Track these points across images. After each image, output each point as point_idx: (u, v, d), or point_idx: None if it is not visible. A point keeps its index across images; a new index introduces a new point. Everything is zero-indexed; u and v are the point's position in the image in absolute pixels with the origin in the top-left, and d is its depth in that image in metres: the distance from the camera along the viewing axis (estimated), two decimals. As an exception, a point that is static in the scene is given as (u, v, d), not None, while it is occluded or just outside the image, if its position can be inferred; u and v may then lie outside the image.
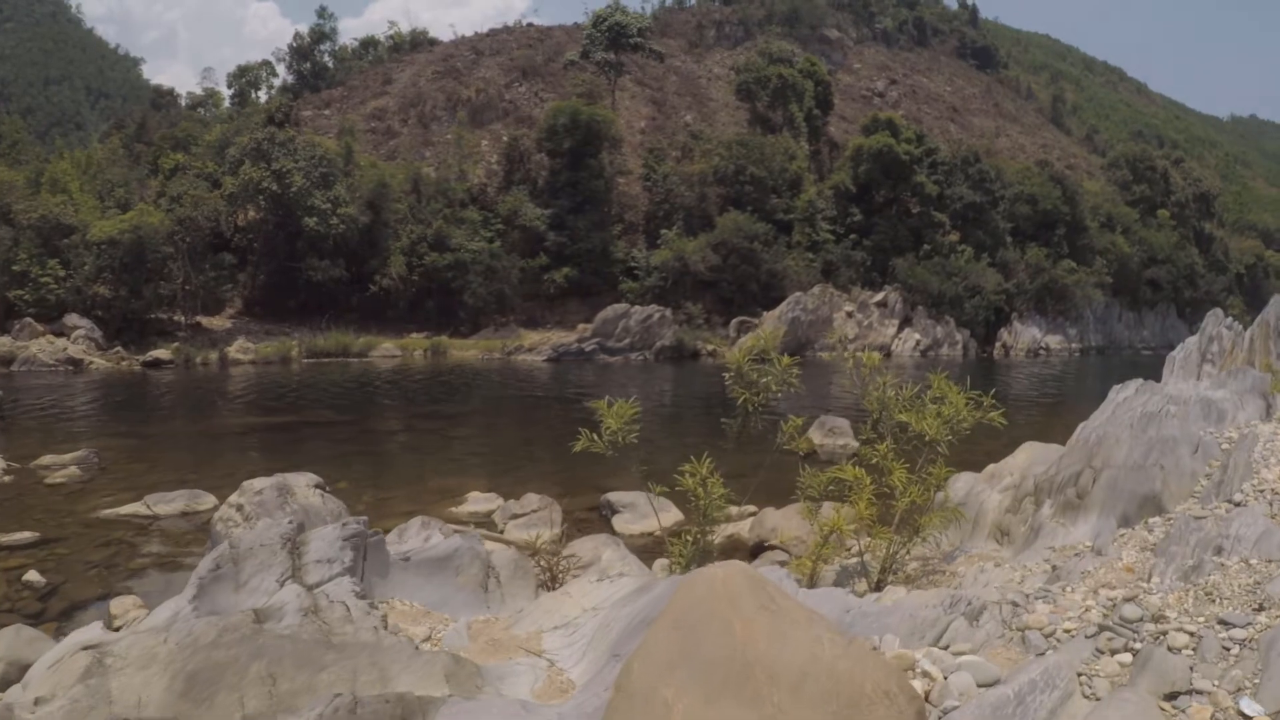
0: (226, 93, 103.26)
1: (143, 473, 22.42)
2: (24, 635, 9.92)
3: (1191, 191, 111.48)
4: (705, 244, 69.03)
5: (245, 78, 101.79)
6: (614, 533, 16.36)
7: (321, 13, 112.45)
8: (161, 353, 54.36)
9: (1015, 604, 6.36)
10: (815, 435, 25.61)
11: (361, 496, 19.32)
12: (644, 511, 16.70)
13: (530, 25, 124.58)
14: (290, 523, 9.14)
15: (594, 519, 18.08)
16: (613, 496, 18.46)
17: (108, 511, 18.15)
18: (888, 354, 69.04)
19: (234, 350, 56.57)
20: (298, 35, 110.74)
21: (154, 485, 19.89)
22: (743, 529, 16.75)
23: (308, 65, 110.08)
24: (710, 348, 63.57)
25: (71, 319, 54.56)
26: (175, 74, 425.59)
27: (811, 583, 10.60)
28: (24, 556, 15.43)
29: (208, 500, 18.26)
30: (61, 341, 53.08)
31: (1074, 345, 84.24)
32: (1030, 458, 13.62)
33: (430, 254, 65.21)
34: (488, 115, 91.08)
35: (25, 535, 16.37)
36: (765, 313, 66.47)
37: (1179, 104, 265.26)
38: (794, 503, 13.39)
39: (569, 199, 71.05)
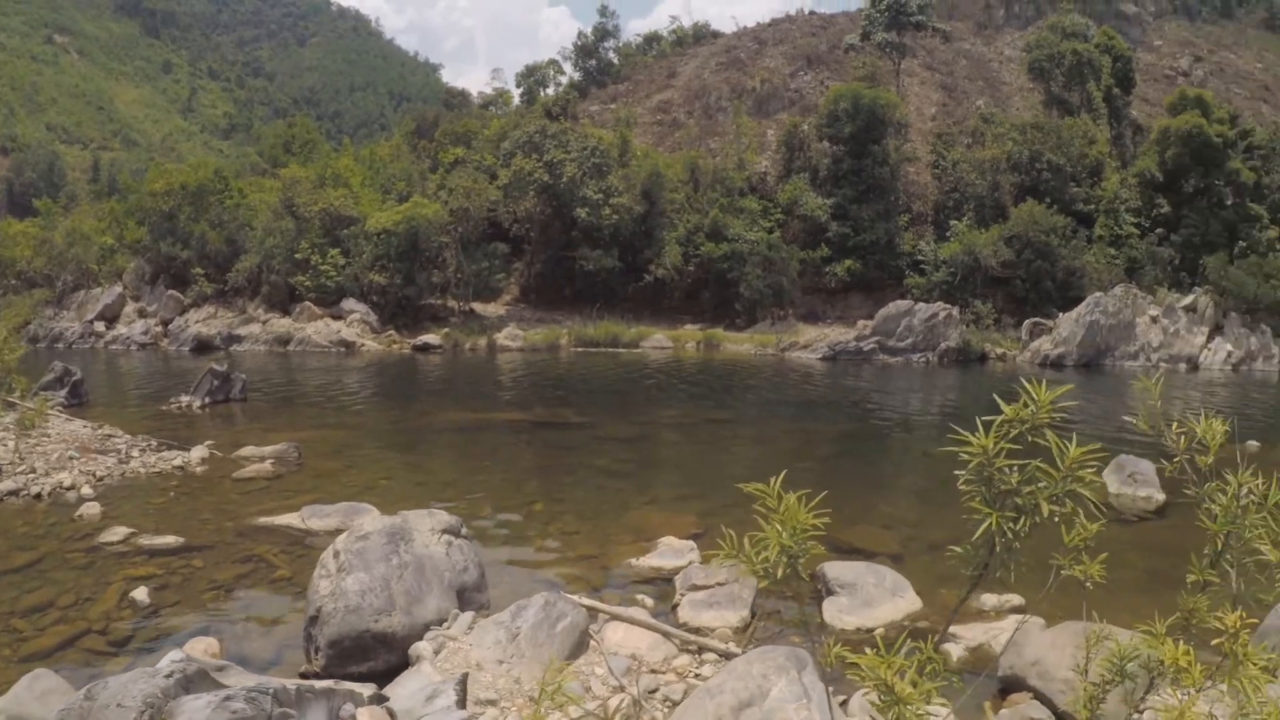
0: (516, 92, 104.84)
1: (335, 473, 20.71)
2: (40, 686, 8.55)
3: None
4: (997, 237, 64.26)
5: (533, 77, 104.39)
6: (822, 624, 12.04)
7: (603, 11, 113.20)
8: (431, 337, 56.00)
9: None
10: (1111, 481, 20.70)
11: (546, 527, 16.68)
12: (870, 595, 12.63)
13: (813, 14, 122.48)
14: (170, 677, 6.40)
15: (806, 595, 13.08)
16: (831, 570, 13.30)
17: (265, 520, 16.44)
18: (1195, 366, 63.43)
19: (502, 337, 56.96)
20: (581, 34, 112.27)
21: (337, 491, 18.38)
22: (998, 635, 11.67)
23: (593, 62, 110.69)
24: (999, 351, 59.00)
25: (348, 303, 58.45)
26: (475, 78, 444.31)
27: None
28: (155, 565, 13.96)
29: (368, 518, 15.92)
30: (337, 324, 56.97)
31: None
32: None
33: (706, 244, 63.55)
34: (773, 105, 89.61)
35: (169, 540, 14.99)
36: (1061, 314, 61.52)
37: None
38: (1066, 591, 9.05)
39: (852, 188, 67.82)
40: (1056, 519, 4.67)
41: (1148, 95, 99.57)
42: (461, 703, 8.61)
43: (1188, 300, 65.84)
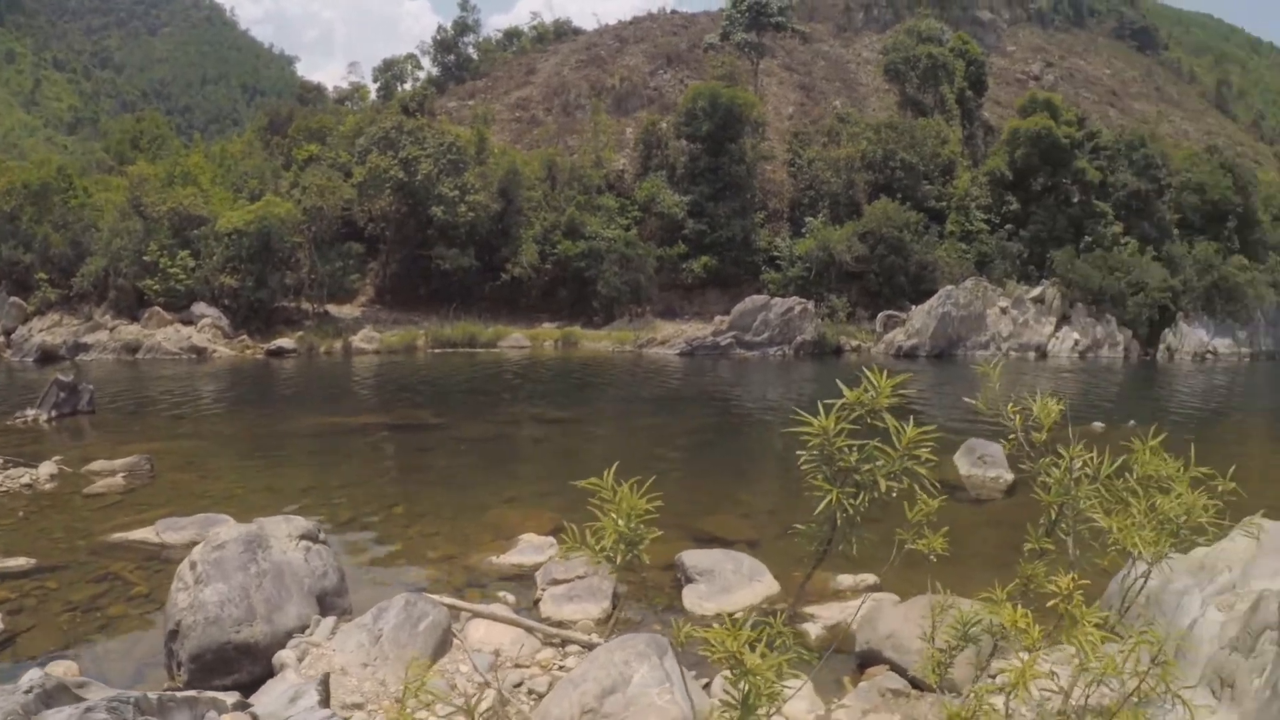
0: (373, 87, 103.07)
1: (190, 484, 20.14)
2: None
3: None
4: (852, 233, 65.81)
5: (391, 71, 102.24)
6: (683, 610, 12.38)
7: (464, 5, 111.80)
8: (285, 341, 53.83)
9: None
10: (962, 464, 21.44)
11: (406, 530, 16.69)
12: (728, 581, 12.98)
13: (674, 12, 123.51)
14: (30, 692, 6.26)
15: (667, 584, 13.67)
16: (689, 558, 13.69)
17: (119, 535, 15.81)
18: (1044, 354, 65.54)
19: (358, 339, 55.39)
20: (441, 28, 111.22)
21: (192, 503, 17.77)
22: (855, 613, 11.89)
23: (451, 57, 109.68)
24: (855, 343, 60.55)
25: (199, 308, 55.33)
26: (332, 71, 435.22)
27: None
28: (7, 589, 13.36)
29: (225, 527, 15.62)
30: (187, 330, 53.79)
31: (1243, 350, 77.70)
32: (1256, 548, 8.88)
33: (563, 242, 63.67)
34: (632, 103, 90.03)
35: (20, 562, 14.31)
36: (914, 307, 63.16)
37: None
38: (917, 567, 8.97)
39: (709, 185, 68.64)
40: (894, 495, 4.86)
41: (1000, 98, 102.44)
42: (325, 702, 8.60)
43: (1036, 292, 68.09)
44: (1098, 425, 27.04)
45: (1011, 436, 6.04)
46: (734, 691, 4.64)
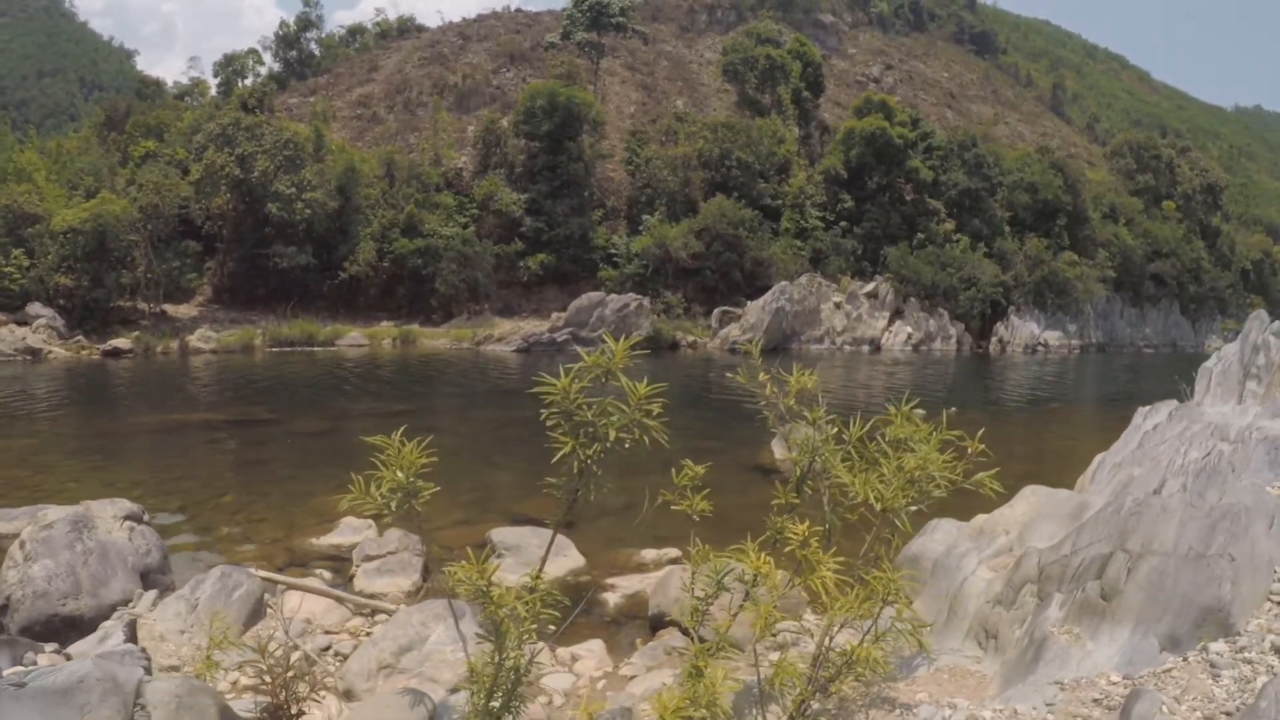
0: (213, 82, 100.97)
1: (23, 479, 20.21)
2: None
3: (1199, 182, 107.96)
4: (688, 230, 67.03)
5: (231, 66, 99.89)
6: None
7: (307, 0, 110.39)
8: (121, 342, 52.21)
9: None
10: (778, 449, 22.44)
11: (234, 516, 17.26)
12: (533, 555, 13.46)
13: (519, 11, 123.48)
14: None
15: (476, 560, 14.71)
16: (497, 535, 15.00)
17: None
18: (877, 348, 67.43)
19: (195, 339, 54.27)
20: (283, 23, 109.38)
21: (25, 496, 17.80)
22: (654, 583, 12.95)
23: (294, 53, 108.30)
24: (691, 338, 61.85)
25: (34, 308, 53.18)
26: (172, 66, 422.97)
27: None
28: None
29: (52, 509, 15.87)
30: (22, 331, 51.58)
31: (1074, 342, 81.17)
32: (1033, 510, 10.03)
33: (401, 240, 63.50)
34: (474, 101, 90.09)
35: None
36: (749, 302, 64.47)
37: (1182, 93, 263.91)
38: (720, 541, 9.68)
39: (547, 183, 69.25)
40: (626, 445, 5.70)
41: (841, 99, 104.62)
42: (132, 639, 9.22)
43: (870, 287, 69.88)
44: (919, 413, 28.18)
45: (763, 404, 6.84)
46: (486, 623, 5.41)
